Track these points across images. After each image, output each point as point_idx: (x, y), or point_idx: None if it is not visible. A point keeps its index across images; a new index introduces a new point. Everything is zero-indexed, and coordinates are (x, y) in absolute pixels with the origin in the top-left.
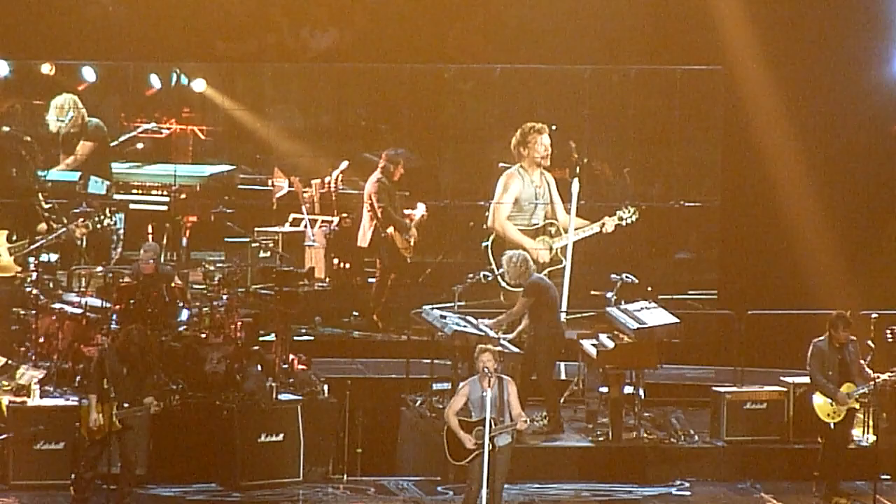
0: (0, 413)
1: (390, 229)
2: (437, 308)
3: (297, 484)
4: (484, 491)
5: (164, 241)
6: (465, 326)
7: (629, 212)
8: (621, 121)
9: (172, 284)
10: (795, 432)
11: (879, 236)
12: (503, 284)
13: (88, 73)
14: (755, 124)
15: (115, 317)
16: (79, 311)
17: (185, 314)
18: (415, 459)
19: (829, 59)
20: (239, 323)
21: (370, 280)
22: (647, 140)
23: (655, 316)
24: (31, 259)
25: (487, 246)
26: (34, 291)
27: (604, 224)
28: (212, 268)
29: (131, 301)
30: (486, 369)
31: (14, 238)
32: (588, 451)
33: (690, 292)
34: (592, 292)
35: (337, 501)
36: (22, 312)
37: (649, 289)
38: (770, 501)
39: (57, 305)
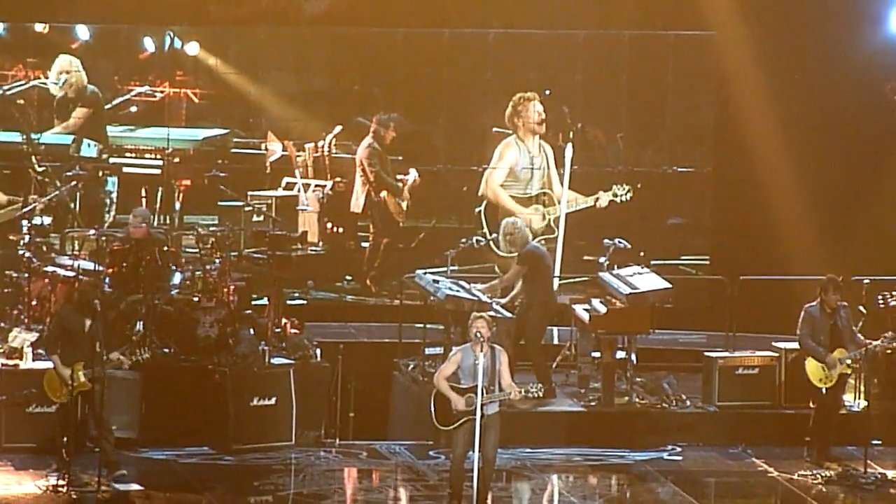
0: None
1: (383, 194)
2: (430, 273)
3: (289, 448)
4: (476, 457)
5: (158, 205)
6: (457, 291)
7: (624, 189)
8: (614, 86)
9: (165, 248)
10: (787, 397)
11: (873, 202)
12: (496, 250)
13: (82, 32)
14: (748, 90)
15: (107, 280)
16: (71, 274)
17: (177, 278)
18: (407, 424)
19: (822, 23)
20: (232, 287)
21: (363, 244)
22: (641, 105)
23: (647, 281)
24: (24, 222)
25: (480, 211)
26: (27, 254)
27: (598, 199)
28: (205, 231)
29: (124, 264)
30: (479, 335)
31: None
32: (580, 416)
33: (683, 257)
34: (585, 257)
35: (329, 465)
36: (14, 275)
37: (641, 254)
38: (761, 466)
39: (50, 268)
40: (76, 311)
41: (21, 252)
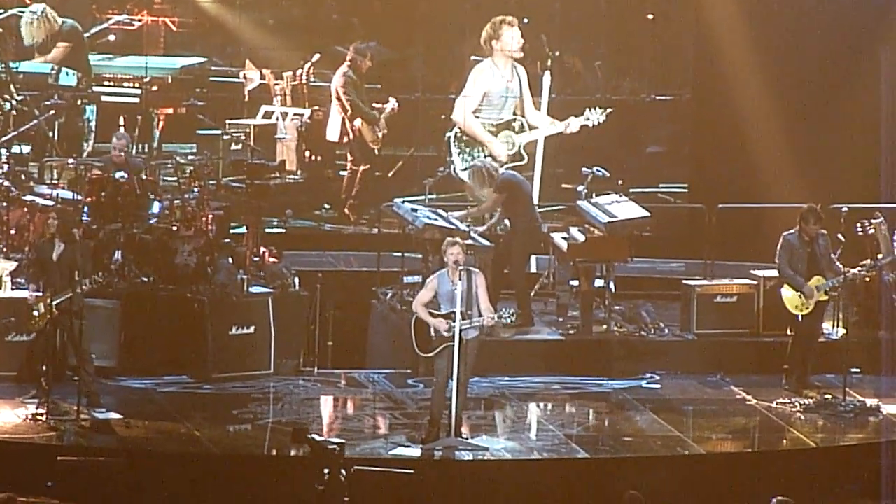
0: None
1: (358, 122)
2: (408, 201)
3: (267, 376)
4: (454, 384)
5: (136, 134)
6: (435, 220)
7: (598, 112)
8: (592, 14)
9: (143, 177)
10: (765, 325)
11: (852, 128)
12: (474, 189)
13: None
14: (727, 16)
15: (86, 209)
16: (50, 203)
17: (156, 207)
18: (385, 352)
19: None
20: (210, 216)
21: (341, 173)
22: (619, 33)
23: (626, 209)
24: (3, 151)
25: (450, 137)
26: (5, 183)
27: (568, 125)
28: (183, 160)
29: (102, 193)
30: (456, 263)
31: None
32: (558, 345)
33: (661, 186)
34: (563, 185)
35: (307, 394)
36: None
37: (620, 182)
38: (739, 394)
39: (28, 197)
40: (48, 241)
41: None
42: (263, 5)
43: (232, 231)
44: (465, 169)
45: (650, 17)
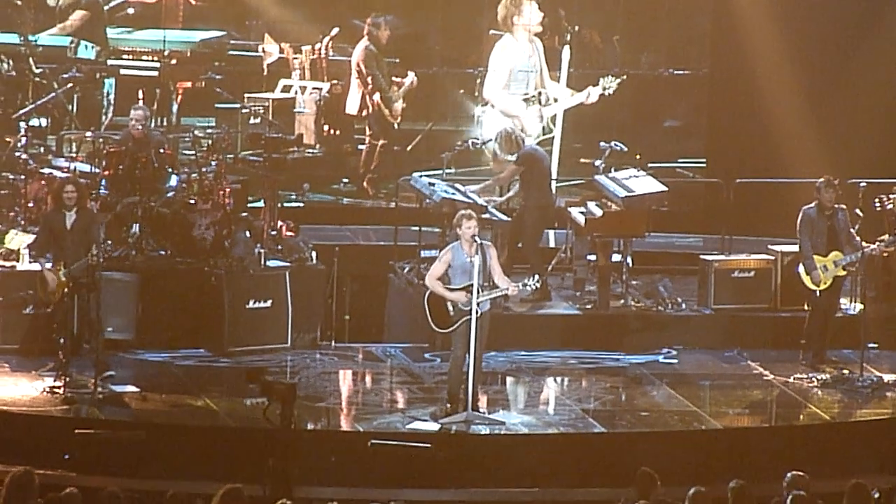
0: None
1: (377, 96)
2: (426, 175)
3: (284, 350)
4: (471, 357)
5: (155, 107)
6: (453, 194)
7: (610, 80)
8: None
9: (161, 150)
10: (783, 300)
11: (872, 104)
12: (497, 153)
13: None
14: None
15: (104, 182)
16: (68, 176)
17: (174, 180)
18: (402, 326)
19: None
20: (228, 189)
21: (360, 147)
22: (637, 8)
23: (644, 184)
24: (21, 124)
25: (479, 117)
26: (23, 156)
27: (589, 94)
28: (201, 134)
29: (120, 167)
30: (475, 238)
31: None
32: (575, 319)
33: (679, 160)
34: (581, 160)
35: (324, 368)
36: (11, 177)
37: (638, 157)
38: (757, 369)
39: (46, 170)
40: (57, 210)
41: (18, 154)
42: None
43: (249, 205)
44: (495, 131)
45: None
